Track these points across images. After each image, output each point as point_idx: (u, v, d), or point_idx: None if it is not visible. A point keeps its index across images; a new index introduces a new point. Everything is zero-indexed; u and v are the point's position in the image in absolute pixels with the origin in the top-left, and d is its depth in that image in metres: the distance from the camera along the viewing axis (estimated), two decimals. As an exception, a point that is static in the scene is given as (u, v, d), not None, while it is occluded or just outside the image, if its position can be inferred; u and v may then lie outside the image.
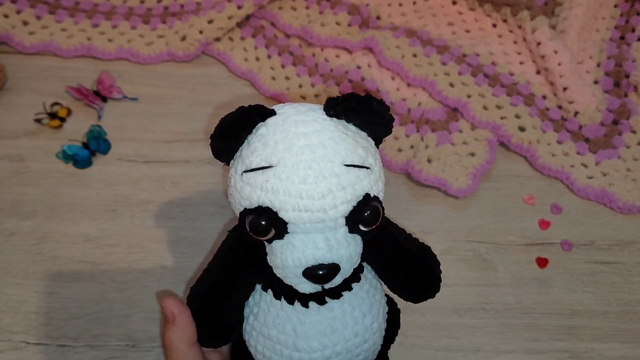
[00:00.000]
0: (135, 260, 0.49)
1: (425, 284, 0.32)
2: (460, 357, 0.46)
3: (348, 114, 0.26)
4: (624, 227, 0.53)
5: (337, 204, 0.24)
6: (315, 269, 0.25)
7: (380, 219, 0.26)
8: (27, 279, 0.47)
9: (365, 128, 0.27)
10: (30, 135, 0.55)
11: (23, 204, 0.51)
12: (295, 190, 0.24)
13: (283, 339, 0.28)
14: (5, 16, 0.61)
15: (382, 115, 0.27)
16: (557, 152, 0.57)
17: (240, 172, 0.25)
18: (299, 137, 0.25)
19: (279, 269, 0.26)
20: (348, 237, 0.26)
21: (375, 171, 0.26)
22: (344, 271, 0.26)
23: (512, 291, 0.49)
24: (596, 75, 0.63)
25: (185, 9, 0.65)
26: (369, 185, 0.25)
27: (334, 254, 0.25)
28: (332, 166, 0.24)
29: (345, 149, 0.25)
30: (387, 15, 0.65)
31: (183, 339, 0.29)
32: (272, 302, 0.29)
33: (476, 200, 0.54)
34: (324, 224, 0.25)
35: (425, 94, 0.60)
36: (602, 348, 0.46)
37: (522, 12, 0.62)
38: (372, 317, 0.29)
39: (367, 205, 0.25)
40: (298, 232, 0.25)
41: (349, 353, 0.29)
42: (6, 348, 0.44)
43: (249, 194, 0.25)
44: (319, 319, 0.28)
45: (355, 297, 0.29)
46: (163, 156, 0.55)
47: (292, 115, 0.26)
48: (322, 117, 0.26)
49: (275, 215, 0.25)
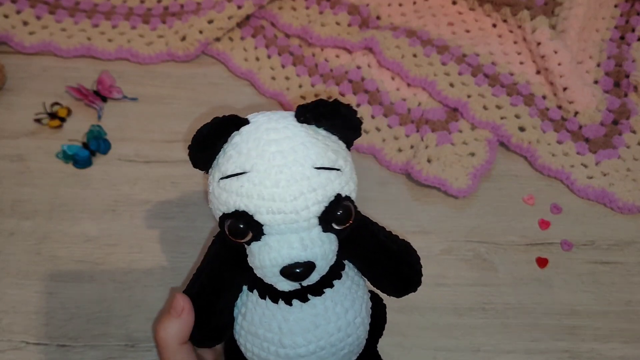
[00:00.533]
0: (135, 260, 0.49)
1: (406, 279, 0.33)
2: (460, 357, 0.46)
3: (318, 119, 0.28)
4: (624, 227, 0.53)
5: (309, 205, 0.26)
6: (292, 268, 0.26)
7: (353, 218, 0.28)
8: (27, 279, 0.47)
9: (335, 132, 0.28)
10: (30, 135, 0.55)
11: (23, 204, 0.51)
12: (269, 194, 0.25)
13: (270, 336, 0.29)
14: (5, 16, 0.61)
15: (350, 120, 0.28)
16: (557, 152, 0.57)
17: (217, 179, 0.27)
18: (271, 143, 0.26)
19: (258, 269, 0.27)
20: (322, 236, 0.27)
21: (346, 172, 0.27)
22: (319, 269, 0.27)
23: (512, 291, 0.49)
24: (596, 75, 0.62)
25: (185, 9, 0.65)
26: (340, 186, 0.27)
27: (308, 252, 0.26)
28: (303, 169, 0.26)
29: (315, 153, 0.26)
30: (387, 15, 0.65)
31: (178, 335, 0.30)
32: (257, 302, 0.30)
33: (476, 200, 0.54)
34: (298, 224, 0.26)
35: (425, 94, 0.60)
36: (602, 348, 0.46)
37: (522, 12, 0.62)
38: (355, 312, 0.30)
39: (338, 205, 0.27)
40: (273, 233, 0.26)
41: (333, 347, 0.30)
42: (6, 348, 0.44)
43: (226, 199, 0.26)
44: (302, 315, 0.29)
45: (336, 293, 0.30)
46: (163, 156, 0.55)
47: (264, 123, 0.27)
48: (293, 124, 0.27)
49: (251, 218, 0.26)
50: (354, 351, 0.32)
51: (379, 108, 0.58)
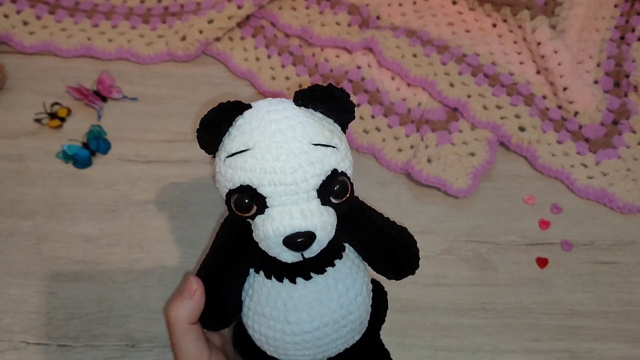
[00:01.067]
0: (135, 260, 0.49)
1: (404, 261, 0.34)
2: (460, 357, 0.46)
3: (314, 102, 0.30)
4: (624, 227, 0.53)
5: (308, 177, 0.28)
6: (294, 237, 0.28)
7: (349, 193, 0.30)
8: (27, 279, 0.47)
9: (330, 115, 0.31)
10: (30, 135, 0.55)
11: (23, 204, 0.51)
12: (270, 167, 0.27)
13: (275, 314, 0.31)
14: (5, 16, 0.61)
15: (344, 102, 0.31)
16: (557, 152, 0.57)
17: (223, 159, 0.29)
18: (271, 123, 0.28)
19: (262, 241, 0.29)
20: (321, 208, 0.29)
21: (342, 150, 0.29)
22: (319, 239, 0.29)
23: (512, 291, 0.49)
24: (596, 75, 0.63)
25: (185, 9, 0.65)
26: (336, 161, 0.29)
27: (308, 222, 0.28)
28: (301, 145, 0.28)
29: (312, 131, 0.28)
30: (387, 15, 0.65)
31: (189, 316, 0.31)
32: (264, 282, 0.32)
33: (476, 200, 0.54)
34: (298, 196, 0.28)
35: (425, 94, 0.60)
36: (602, 348, 0.46)
37: (522, 12, 0.62)
38: (356, 291, 0.32)
39: (335, 179, 0.29)
40: (276, 205, 0.28)
41: (336, 324, 0.31)
42: (6, 348, 0.44)
43: (232, 175, 0.28)
44: (306, 292, 0.31)
45: (338, 272, 0.32)
46: (163, 156, 0.55)
47: (265, 107, 0.29)
48: (292, 107, 0.29)
49: (255, 191, 0.28)
50: (356, 329, 0.33)
51: (379, 108, 0.58)
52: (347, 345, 0.33)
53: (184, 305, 0.31)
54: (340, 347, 0.33)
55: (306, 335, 0.31)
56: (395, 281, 0.49)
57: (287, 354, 0.32)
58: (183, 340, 0.32)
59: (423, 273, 0.49)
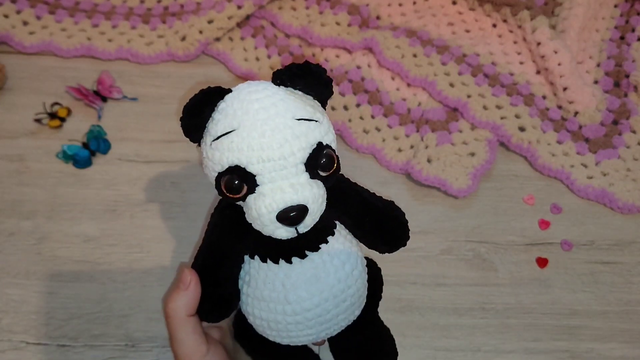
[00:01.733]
0: (135, 260, 0.49)
1: (394, 232, 0.35)
2: (460, 357, 0.46)
3: (292, 79, 0.31)
4: (624, 227, 0.53)
5: (295, 151, 0.28)
6: (287, 212, 0.28)
7: (336, 165, 0.30)
8: (27, 279, 0.47)
9: (310, 91, 0.31)
10: (30, 135, 0.55)
11: (23, 204, 0.51)
12: (257, 144, 0.28)
13: (275, 296, 0.32)
14: (5, 16, 0.61)
15: (321, 76, 0.31)
16: (557, 152, 0.57)
17: (209, 143, 0.29)
18: (253, 102, 0.29)
19: (256, 220, 0.29)
20: (310, 181, 0.29)
21: (324, 124, 0.30)
22: (312, 212, 0.29)
23: (512, 291, 0.49)
24: (596, 75, 0.63)
25: (185, 9, 0.65)
26: (320, 135, 0.29)
27: (299, 195, 0.28)
28: (285, 120, 0.28)
29: (294, 106, 0.29)
30: (387, 15, 0.65)
31: (186, 308, 0.32)
32: (260, 267, 0.32)
33: (476, 200, 0.54)
34: (287, 170, 0.28)
35: (425, 94, 0.60)
36: (602, 348, 0.46)
37: (522, 12, 0.62)
38: (351, 265, 0.33)
39: (321, 152, 0.29)
40: (266, 182, 0.29)
41: (336, 298, 0.32)
42: (6, 348, 0.44)
43: (219, 157, 0.29)
44: (303, 270, 0.31)
45: (332, 248, 0.32)
46: (163, 156, 0.55)
47: (246, 88, 0.30)
48: (271, 86, 0.30)
49: (244, 170, 0.28)
50: (356, 304, 0.34)
51: (379, 108, 0.58)
52: (348, 321, 0.34)
53: (180, 297, 0.31)
54: (342, 323, 0.33)
55: (307, 313, 0.31)
56: (395, 281, 0.49)
57: (290, 336, 0.33)
58: (181, 332, 0.32)
59: (423, 273, 0.50)
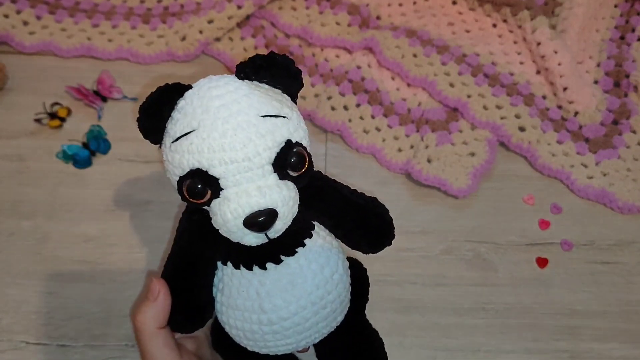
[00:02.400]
0: (135, 260, 0.49)
1: (377, 229, 0.32)
2: (460, 357, 0.46)
3: (257, 72, 0.28)
4: (624, 227, 0.53)
5: (260, 151, 0.26)
6: (254, 217, 0.26)
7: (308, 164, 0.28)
8: (27, 279, 0.47)
9: (277, 84, 0.29)
10: (30, 135, 0.55)
11: (23, 204, 0.51)
12: (218, 145, 0.26)
13: (249, 304, 0.29)
14: (5, 16, 0.61)
15: (288, 67, 0.29)
16: (557, 152, 0.56)
17: (169, 145, 0.27)
18: (214, 99, 0.26)
19: (222, 227, 0.27)
20: (280, 183, 0.27)
21: (294, 120, 0.28)
22: (282, 216, 0.27)
23: (512, 291, 0.49)
24: (596, 75, 0.62)
25: (185, 9, 0.65)
26: (289, 132, 0.27)
27: (267, 199, 0.26)
28: (249, 118, 0.26)
29: (258, 102, 0.27)
30: (387, 15, 0.65)
31: (155, 320, 0.30)
32: (233, 274, 0.30)
33: (476, 200, 0.54)
34: (252, 172, 0.26)
35: (425, 94, 0.60)
36: (602, 348, 0.46)
37: (522, 12, 0.62)
38: (331, 269, 0.30)
39: (290, 150, 0.27)
40: (230, 185, 0.26)
41: (315, 306, 0.30)
42: (6, 348, 0.44)
43: (179, 161, 0.27)
44: (278, 276, 0.29)
45: (309, 251, 0.30)
46: (163, 156, 0.55)
47: (206, 84, 0.27)
48: (234, 80, 0.28)
49: (206, 174, 0.26)
50: (337, 310, 0.31)
51: (379, 108, 0.58)
52: (330, 328, 0.32)
53: (148, 309, 0.30)
54: (323, 330, 0.31)
55: (284, 323, 0.29)
56: (395, 281, 0.49)
57: (268, 346, 0.31)
58: (152, 346, 0.30)
59: (423, 273, 0.50)
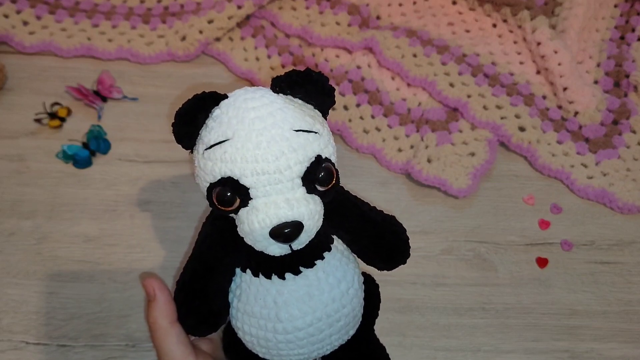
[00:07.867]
0: (135, 260, 0.49)
1: (393, 248, 0.33)
2: (460, 357, 0.46)
3: (292, 87, 0.29)
4: (624, 227, 0.53)
5: (291, 165, 0.27)
6: (280, 228, 0.27)
7: (335, 179, 0.28)
8: (27, 279, 0.47)
9: (310, 100, 0.30)
10: (30, 135, 0.55)
11: (23, 204, 0.51)
12: (251, 156, 0.26)
13: (265, 312, 0.30)
14: (5, 16, 0.61)
15: (323, 85, 0.30)
16: (557, 152, 0.57)
17: (202, 152, 0.28)
18: (249, 111, 0.27)
19: (248, 235, 0.28)
20: (307, 197, 0.28)
21: (324, 136, 0.28)
22: (307, 229, 0.27)
23: (512, 291, 0.49)
24: (596, 75, 0.63)
25: (185, 9, 0.65)
26: (319, 147, 0.28)
27: (295, 212, 0.27)
28: (282, 131, 0.27)
29: (292, 117, 0.27)
30: (387, 15, 0.65)
31: (164, 315, 0.31)
32: (251, 281, 0.31)
33: (476, 200, 0.54)
34: (282, 184, 0.27)
35: (425, 94, 0.60)
36: (602, 348, 0.46)
37: (522, 12, 0.62)
38: (347, 283, 0.31)
39: (319, 166, 0.27)
40: (260, 196, 0.27)
41: (330, 318, 0.30)
42: (6, 348, 0.44)
43: (211, 168, 0.27)
44: (296, 287, 0.30)
45: (328, 265, 0.31)
46: (163, 156, 0.55)
47: (242, 95, 0.28)
48: (270, 93, 0.28)
49: (237, 183, 0.27)
50: (350, 323, 0.32)
51: (379, 108, 0.58)
52: (342, 341, 0.33)
53: (153, 308, 0.31)
54: (335, 343, 0.32)
55: (299, 333, 0.30)
56: (395, 281, 0.49)
57: (280, 354, 0.31)
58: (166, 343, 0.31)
59: (423, 273, 0.50)
